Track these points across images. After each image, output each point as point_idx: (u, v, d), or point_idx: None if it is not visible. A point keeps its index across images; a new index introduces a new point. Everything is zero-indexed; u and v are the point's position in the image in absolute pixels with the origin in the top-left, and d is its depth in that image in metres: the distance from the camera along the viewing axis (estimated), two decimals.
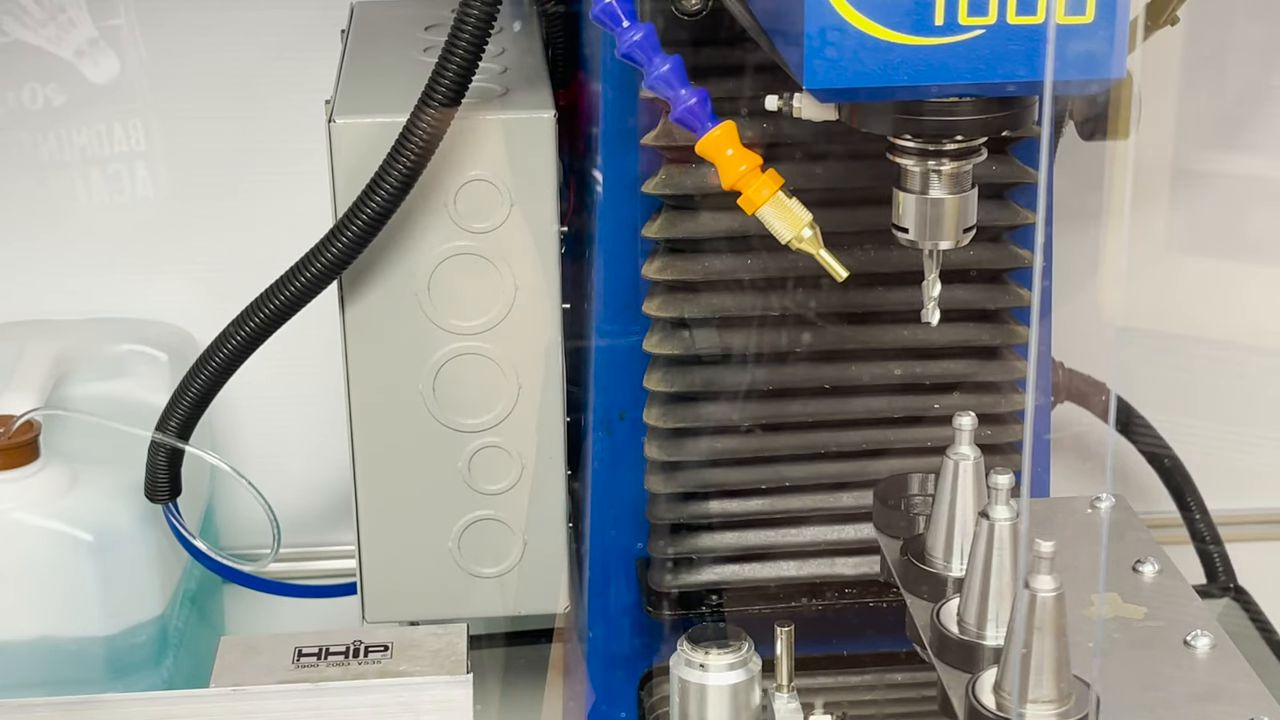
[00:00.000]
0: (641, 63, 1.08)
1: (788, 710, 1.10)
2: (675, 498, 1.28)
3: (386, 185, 1.18)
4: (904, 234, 1.05)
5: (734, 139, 1.07)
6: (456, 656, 1.19)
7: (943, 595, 1.08)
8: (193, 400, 1.28)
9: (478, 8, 1.13)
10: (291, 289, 1.23)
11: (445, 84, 1.15)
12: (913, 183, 1.03)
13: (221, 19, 1.57)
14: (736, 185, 1.07)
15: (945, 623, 1.04)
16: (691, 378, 1.25)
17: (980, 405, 1.27)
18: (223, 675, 1.17)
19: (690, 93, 1.07)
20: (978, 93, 0.97)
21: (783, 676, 1.10)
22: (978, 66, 0.93)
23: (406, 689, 1.14)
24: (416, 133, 1.16)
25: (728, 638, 1.10)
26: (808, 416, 1.26)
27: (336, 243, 1.20)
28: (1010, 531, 1.01)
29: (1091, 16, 0.93)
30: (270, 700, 1.12)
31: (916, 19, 0.92)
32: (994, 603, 1.01)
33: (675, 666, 1.10)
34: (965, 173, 1.03)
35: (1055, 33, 0.92)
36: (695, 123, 1.07)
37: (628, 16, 1.07)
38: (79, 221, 1.62)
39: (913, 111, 0.99)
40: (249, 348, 1.26)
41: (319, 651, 1.19)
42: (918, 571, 1.11)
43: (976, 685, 0.97)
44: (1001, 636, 1.00)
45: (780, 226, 1.07)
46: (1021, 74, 0.94)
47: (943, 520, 1.10)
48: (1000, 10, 0.92)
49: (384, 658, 1.19)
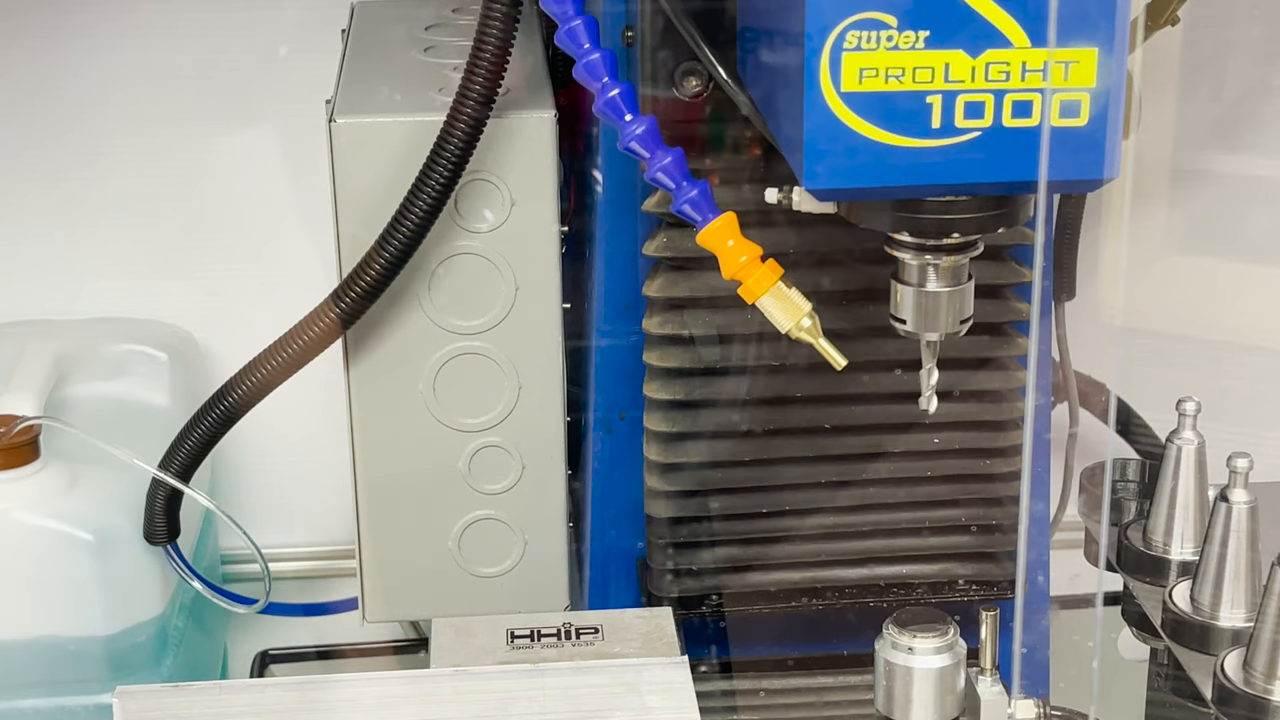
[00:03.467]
0: (644, 156, 1.10)
1: (992, 694, 1.09)
2: (675, 499, 1.28)
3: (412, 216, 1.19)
4: (901, 324, 1.07)
5: (735, 230, 1.10)
6: (668, 639, 1.20)
7: (1165, 578, 1.14)
8: (198, 442, 1.30)
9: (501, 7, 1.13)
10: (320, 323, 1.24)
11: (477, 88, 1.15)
12: (910, 275, 1.06)
13: (222, 19, 1.57)
14: (737, 275, 1.10)
15: (1179, 604, 1.08)
16: (691, 386, 1.25)
17: (980, 411, 1.27)
18: (441, 656, 1.18)
19: (691, 185, 1.10)
20: (973, 192, 0.99)
21: (987, 661, 1.10)
22: (974, 168, 0.96)
23: (627, 670, 1.14)
24: (429, 186, 1.17)
25: (934, 621, 1.10)
26: (806, 422, 1.26)
27: (357, 286, 1.21)
28: (1249, 514, 1.04)
29: (1085, 120, 0.95)
30: (494, 681, 1.13)
31: (914, 122, 0.95)
32: (1230, 585, 1.06)
33: (881, 649, 1.10)
34: (961, 266, 1.05)
35: (1050, 135, 0.95)
36: (697, 214, 1.10)
37: (630, 109, 1.10)
38: (79, 222, 1.61)
39: (910, 209, 1.01)
40: (268, 385, 1.27)
41: (531, 633, 1.20)
42: (1139, 554, 1.15)
43: (1224, 665, 1.02)
44: (1238, 618, 1.06)
45: (780, 316, 1.10)
46: (1016, 175, 0.96)
47: (1164, 504, 1.15)
48: (996, 114, 0.95)
49: (596, 639, 1.20)
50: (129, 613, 1.35)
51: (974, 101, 0.94)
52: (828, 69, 0.93)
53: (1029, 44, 0.94)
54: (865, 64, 0.93)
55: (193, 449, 1.30)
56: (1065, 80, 0.94)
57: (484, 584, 1.31)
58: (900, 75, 0.94)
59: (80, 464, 1.36)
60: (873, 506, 1.29)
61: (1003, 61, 0.94)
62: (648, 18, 1.14)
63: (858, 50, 0.93)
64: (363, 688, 1.13)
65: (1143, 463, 1.35)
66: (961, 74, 0.94)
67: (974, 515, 1.30)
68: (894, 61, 0.94)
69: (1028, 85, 0.94)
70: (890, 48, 0.93)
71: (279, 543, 1.69)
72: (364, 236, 1.23)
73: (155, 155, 1.60)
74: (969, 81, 0.94)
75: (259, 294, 1.63)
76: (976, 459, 1.29)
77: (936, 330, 1.07)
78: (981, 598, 1.30)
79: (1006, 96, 0.94)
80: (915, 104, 0.94)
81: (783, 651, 1.33)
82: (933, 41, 0.93)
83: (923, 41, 0.93)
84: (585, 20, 1.10)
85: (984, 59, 0.94)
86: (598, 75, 1.10)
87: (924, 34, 0.93)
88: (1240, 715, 1.01)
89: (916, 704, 1.09)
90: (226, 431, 1.30)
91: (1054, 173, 0.96)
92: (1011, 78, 0.94)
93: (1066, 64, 0.94)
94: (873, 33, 0.93)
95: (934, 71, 0.94)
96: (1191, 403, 1.13)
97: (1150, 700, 1.19)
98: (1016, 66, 0.94)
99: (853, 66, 0.94)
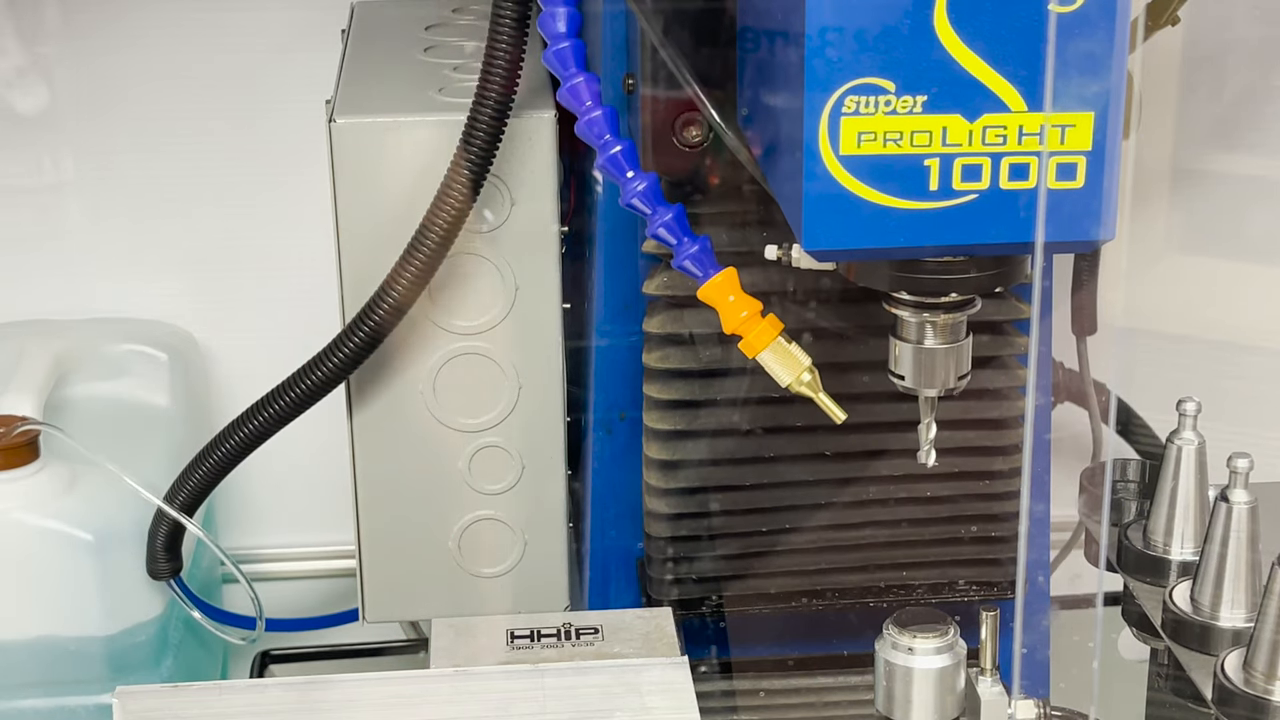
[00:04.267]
0: (645, 212, 1.12)
1: (992, 694, 1.09)
2: (675, 497, 1.28)
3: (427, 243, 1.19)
4: (900, 380, 1.08)
5: (735, 285, 1.12)
6: (668, 639, 1.20)
7: (1165, 578, 1.14)
8: (203, 478, 1.30)
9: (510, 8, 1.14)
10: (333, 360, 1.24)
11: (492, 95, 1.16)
12: (908, 332, 1.07)
13: (222, 19, 1.57)
14: (738, 330, 1.12)
15: (1179, 605, 1.08)
16: (691, 386, 1.25)
17: (980, 409, 1.27)
18: (441, 656, 1.19)
19: (692, 241, 1.12)
20: (971, 253, 1.00)
21: (987, 661, 1.10)
22: (971, 229, 0.96)
23: (627, 670, 1.14)
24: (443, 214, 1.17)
25: (934, 621, 1.10)
26: (805, 421, 1.26)
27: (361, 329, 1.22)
28: (1249, 514, 1.05)
29: (1082, 182, 0.96)
30: (494, 681, 1.13)
31: (913, 185, 0.95)
32: (1230, 585, 1.07)
33: (881, 649, 1.10)
34: (960, 323, 1.06)
35: (1046, 197, 0.95)
36: (698, 269, 1.12)
37: (631, 166, 1.11)
38: (80, 221, 1.61)
39: (908, 269, 1.02)
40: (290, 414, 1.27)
41: (531, 634, 1.21)
42: (1139, 554, 1.15)
43: (1225, 665, 1.02)
44: (1238, 619, 1.06)
45: (780, 371, 1.12)
46: (1013, 236, 0.97)
47: (1164, 504, 1.15)
48: (993, 176, 0.96)
49: (596, 640, 1.20)
50: (129, 613, 1.35)
51: (971, 164, 0.95)
52: (827, 133, 0.94)
53: (1025, 108, 0.94)
54: (864, 128, 0.94)
55: (198, 484, 1.31)
56: (1061, 144, 0.95)
57: (484, 584, 1.31)
58: (898, 139, 0.95)
59: (80, 464, 1.36)
60: (872, 503, 1.29)
61: (1000, 125, 0.95)
62: (649, 65, 1.15)
63: (856, 115, 0.94)
64: (363, 688, 1.13)
65: (1143, 463, 1.35)
66: (959, 137, 0.95)
67: (975, 515, 1.30)
68: (892, 125, 0.94)
69: (1024, 148, 0.95)
70: (888, 112, 0.94)
71: (279, 543, 1.69)
72: (364, 236, 1.23)
73: (155, 155, 1.60)
74: (966, 145, 0.95)
75: (259, 294, 1.63)
76: (977, 458, 1.29)
77: (934, 386, 1.08)
78: (982, 598, 1.30)
79: (1003, 159, 0.95)
80: (913, 167, 0.95)
81: (783, 652, 1.33)
82: (930, 106, 0.94)
83: (920, 106, 0.94)
84: (587, 77, 1.12)
85: (981, 123, 0.95)
86: (599, 133, 1.12)
87: (922, 98, 0.94)
88: (1240, 715, 1.01)
89: (916, 704, 1.09)
90: (235, 466, 1.31)
91: (1051, 234, 0.96)
92: (1008, 141, 0.95)
93: (1063, 128, 0.95)
94: (871, 97, 0.94)
95: (932, 135, 0.95)
96: (1191, 403, 1.13)
97: (1150, 700, 1.19)
98: (1013, 130, 0.95)
99: (851, 130, 0.94)
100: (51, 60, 1.57)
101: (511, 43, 1.14)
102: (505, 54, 1.14)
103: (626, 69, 1.20)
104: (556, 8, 1.13)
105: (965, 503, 1.30)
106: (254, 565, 1.68)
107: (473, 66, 1.27)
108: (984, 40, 0.93)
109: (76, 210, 1.61)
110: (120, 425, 1.48)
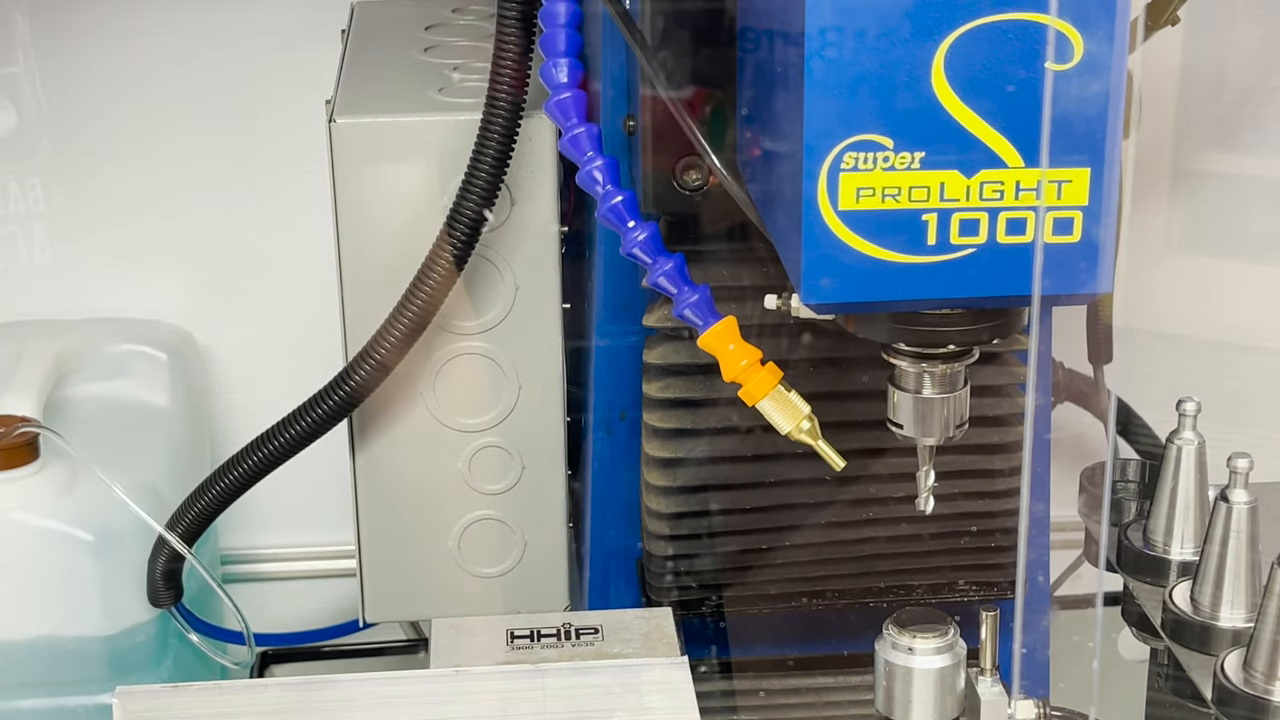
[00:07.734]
0: (646, 262, 1.13)
1: (992, 694, 1.10)
2: (674, 497, 1.28)
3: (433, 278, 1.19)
4: (898, 429, 1.09)
5: (735, 334, 1.13)
6: (668, 639, 1.20)
7: (1165, 578, 1.14)
8: (204, 510, 1.30)
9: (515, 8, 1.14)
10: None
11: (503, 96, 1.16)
12: (907, 382, 1.07)
13: (222, 18, 1.57)
14: (738, 378, 1.13)
15: (1179, 605, 1.08)
16: (691, 384, 1.25)
17: (979, 408, 1.27)
18: (441, 656, 1.19)
19: (692, 290, 1.13)
20: (969, 305, 1.01)
21: (987, 661, 1.10)
22: (969, 283, 0.97)
23: (627, 670, 1.14)
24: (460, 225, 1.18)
25: (934, 621, 1.11)
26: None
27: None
28: (1249, 514, 1.05)
29: (1078, 237, 0.96)
30: (494, 681, 1.13)
31: (910, 240, 0.96)
32: (1230, 585, 1.07)
33: (881, 649, 1.10)
34: (958, 373, 1.07)
35: (1043, 251, 0.96)
36: (698, 318, 1.13)
37: (632, 216, 1.13)
38: (80, 221, 1.62)
39: (906, 321, 1.03)
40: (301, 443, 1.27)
41: (531, 634, 1.21)
42: (1139, 554, 1.15)
43: (1224, 665, 1.02)
44: (1238, 619, 1.06)
45: (779, 419, 1.13)
46: (1011, 290, 0.97)
47: (1164, 504, 1.15)
48: (990, 231, 0.96)
49: (596, 640, 1.20)
50: (129, 613, 1.35)
51: (969, 219, 0.96)
52: (825, 189, 0.95)
53: (1022, 164, 0.95)
54: (862, 184, 0.95)
55: (200, 513, 1.31)
56: (1058, 199, 0.95)
57: (484, 584, 1.31)
58: (896, 194, 0.95)
59: (80, 464, 1.36)
60: (873, 502, 1.29)
61: (997, 181, 0.95)
62: (649, 108, 1.15)
63: (855, 170, 0.94)
64: (363, 688, 1.13)
65: (1143, 463, 1.35)
66: (956, 193, 0.95)
67: (975, 514, 1.30)
68: (890, 181, 0.95)
69: (1021, 204, 0.95)
70: (887, 168, 0.95)
71: (279, 543, 1.69)
72: (364, 236, 1.23)
73: (156, 155, 1.60)
74: (964, 200, 0.95)
75: (260, 294, 1.63)
76: (977, 456, 1.29)
77: (933, 436, 1.09)
78: (981, 598, 1.30)
79: (1000, 215, 0.96)
80: (911, 222, 0.95)
81: (783, 652, 1.33)
82: (928, 162, 0.95)
83: (918, 162, 0.95)
84: (588, 128, 1.14)
85: (978, 179, 0.95)
86: (600, 182, 1.13)
87: (920, 155, 0.94)
88: (1240, 716, 1.01)
89: (916, 704, 1.09)
90: (239, 497, 1.30)
91: (1048, 287, 0.97)
92: (1005, 197, 0.95)
93: (1059, 183, 0.95)
94: (870, 154, 0.94)
95: (929, 191, 0.95)
96: (1191, 403, 1.13)
97: (1150, 700, 1.19)
98: (1010, 186, 0.95)
99: (850, 186, 0.95)
100: (52, 57, 1.57)
101: (507, 125, 1.16)
102: (501, 128, 1.16)
103: (627, 110, 1.20)
104: (558, 59, 1.14)
105: (965, 502, 1.30)
106: (254, 565, 1.68)
107: (473, 67, 1.28)
108: (981, 97, 0.93)
109: (76, 210, 1.61)
110: (120, 425, 1.48)
